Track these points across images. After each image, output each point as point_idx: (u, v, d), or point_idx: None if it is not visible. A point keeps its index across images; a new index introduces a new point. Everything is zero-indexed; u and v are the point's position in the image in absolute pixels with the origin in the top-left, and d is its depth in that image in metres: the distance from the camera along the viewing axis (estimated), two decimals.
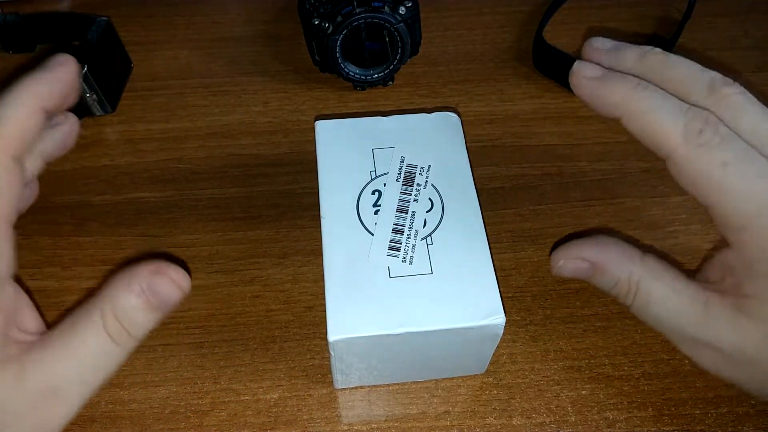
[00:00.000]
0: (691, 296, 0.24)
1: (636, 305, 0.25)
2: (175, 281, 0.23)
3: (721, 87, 0.24)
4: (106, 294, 0.23)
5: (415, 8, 0.38)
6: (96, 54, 0.38)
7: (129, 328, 0.23)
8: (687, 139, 0.23)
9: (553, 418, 0.29)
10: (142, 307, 0.23)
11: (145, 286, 0.23)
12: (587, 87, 0.25)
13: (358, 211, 0.27)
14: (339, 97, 0.41)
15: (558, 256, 0.26)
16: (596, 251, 0.26)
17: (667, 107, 0.23)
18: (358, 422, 0.28)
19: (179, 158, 0.38)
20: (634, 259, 0.25)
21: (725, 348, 0.24)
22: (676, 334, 0.25)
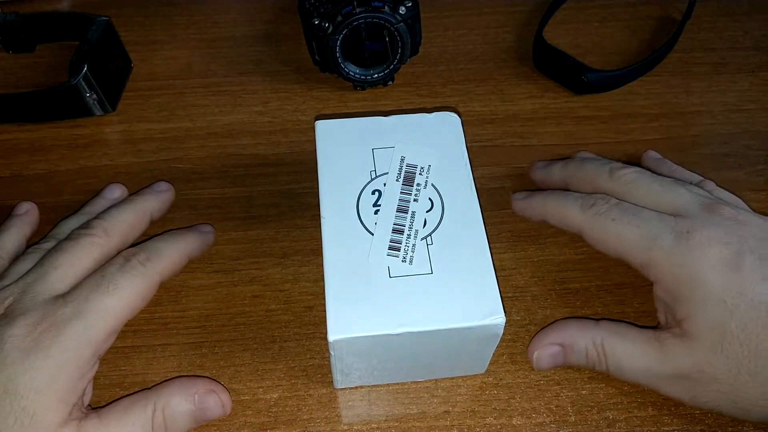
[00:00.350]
0: (646, 341, 0.28)
1: (611, 367, 0.28)
2: (224, 404, 0.28)
3: (619, 170, 0.31)
4: (164, 392, 0.27)
5: (415, 8, 0.38)
6: (96, 54, 0.38)
7: (169, 427, 0.27)
8: (584, 212, 0.30)
9: (553, 418, 0.29)
10: (188, 414, 0.27)
11: (198, 398, 0.27)
12: (518, 206, 0.34)
13: (358, 211, 0.27)
14: (339, 97, 0.41)
15: (531, 350, 0.30)
16: (559, 332, 0.29)
17: (569, 199, 0.31)
18: (358, 422, 0.28)
19: (179, 158, 0.38)
20: (591, 327, 0.29)
21: (689, 374, 0.27)
22: (649, 379, 0.28)
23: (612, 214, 0.29)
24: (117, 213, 0.31)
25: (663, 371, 0.27)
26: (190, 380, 0.28)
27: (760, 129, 0.39)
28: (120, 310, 0.27)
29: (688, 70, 0.42)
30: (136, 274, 0.28)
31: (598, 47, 0.44)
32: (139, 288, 0.28)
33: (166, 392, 0.27)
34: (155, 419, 0.26)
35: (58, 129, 0.39)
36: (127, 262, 0.28)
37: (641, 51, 0.43)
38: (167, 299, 0.32)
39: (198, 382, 0.28)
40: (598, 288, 0.33)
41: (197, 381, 0.28)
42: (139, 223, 0.32)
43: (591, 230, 0.30)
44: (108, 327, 0.27)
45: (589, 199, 0.30)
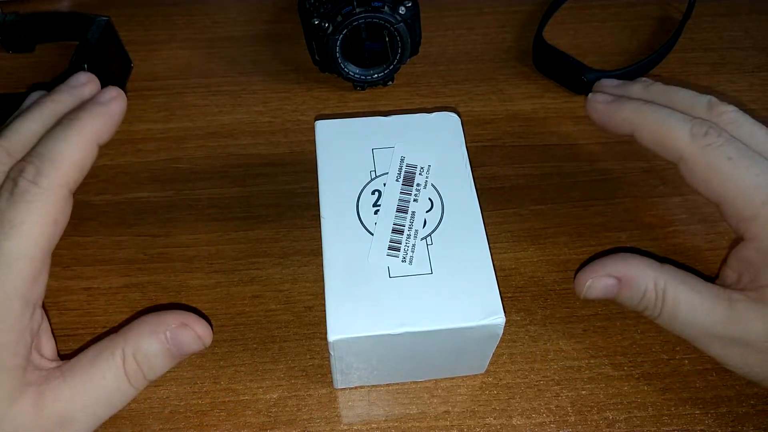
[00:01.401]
0: (714, 296, 0.26)
1: (664, 313, 0.26)
2: (200, 337, 0.25)
3: (719, 106, 0.27)
4: (130, 335, 0.24)
5: (415, 8, 0.38)
6: (96, 54, 0.38)
7: (145, 371, 0.24)
8: (694, 140, 0.26)
9: (553, 418, 0.29)
10: (163, 353, 0.24)
11: (170, 335, 0.24)
12: (601, 110, 0.29)
13: (358, 211, 0.27)
14: (339, 97, 0.41)
15: (584, 277, 0.27)
16: (620, 265, 0.27)
17: (674, 117, 0.27)
18: (357, 422, 0.28)
19: (179, 158, 0.38)
20: (656, 268, 0.27)
21: (754, 341, 0.25)
22: (705, 337, 0.26)
23: (729, 151, 0.25)
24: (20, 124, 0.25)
25: (725, 332, 0.25)
26: (158, 317, 0.25)
27: None
28: (30, 248, 0.22)
29: (688, 70, 0.42)
30: (32, 199, 0.23)
31: (598, 47, 0.44)
32: (41, 215, 0.23)
33: (134, 335, 0.24)
34: (127, 367, 0.23)
35: None
36: (15, 187, 0.23)
37: (641, 51, 0.43)
38: (167, 299, 0.32)
39: (167, 317, 0.24)
40: None
41: (166, 316, 0.25)
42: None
43: (697, 164, 0.26)
44: (24, 271, 0.22)
45: (701, 125, 0.26)
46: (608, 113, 0.29)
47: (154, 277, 0.33)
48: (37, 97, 0.27)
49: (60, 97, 0.26)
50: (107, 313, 0.32)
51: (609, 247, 0.34)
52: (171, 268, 0.33)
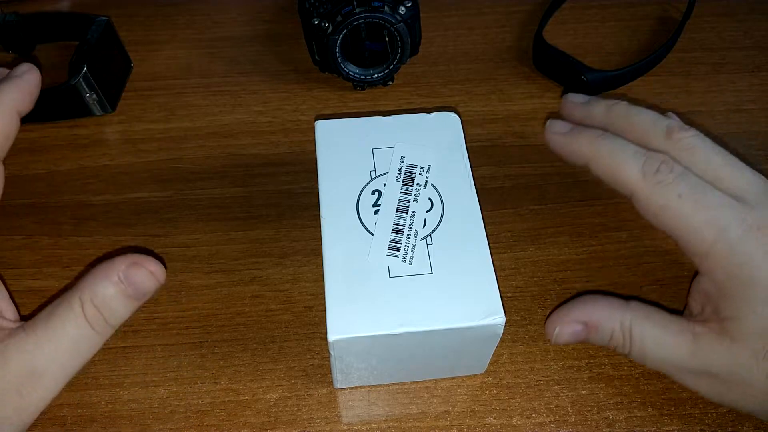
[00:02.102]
0: (679, 331, 0.26)
1: (633, 351, 0.27)
2: (153, 273, 0.25)
3: (678, 131, 0.27)
4: (85, 283, 0.24)
5: (415, 8, 0.38)
6: (96, 54, 0.38)
7: (106, 316, 0.24)
8: (645, 178, 0.26)
9: (553, 418, 0.29)
10: (120, 295, 0.24)
11: (123, 276, 0.24)
12: (557, 140, 0.29)
13: (358, 211, 0.27)
14: (339, 97, 0.41)
15: (552, 324, 0.28)
16: (585, 310, 0.28)
17: (627, 151, 0.27)
18: (357, 422, 0.28)
19: (179, 158, 0.38)
20: (621, 307, 0.27)
21: (720, 373, 0.25)
22: (675, 370, 0.27)
23: (678, 188, 0.25)
24: None
25: (693, 366, 0.26)
26: (109, 262, 0.25)
27: (760, 129, 0.39)
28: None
29: (688, 70, 0.42)
30: None
31: (598, 47, 0.44)
32: None
33: (88, 282, 0.24)
34: (87, 313, 0.24)
35: (58, 129, 0.39)
36: None
37: (641, 51, 0.43)
38: (167, 299, 0.32)
39: (118, 260, 0.24)
40: (598, 288, 0.33)
41: (118, 260, 0.25)
42: None
43: (648, 201, 0.26)
44: None
45: (652, 160, 0.26)
46: (563, 145, 0.29)
47: None
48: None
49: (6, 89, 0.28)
50: None
51: (609, 247, 0.34)
52: (171, 268, 0.33)
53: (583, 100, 0.30)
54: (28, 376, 0.23)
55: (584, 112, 0.30)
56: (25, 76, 0.28)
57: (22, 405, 0.23)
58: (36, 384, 0.23)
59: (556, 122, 0.29)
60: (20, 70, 0.28)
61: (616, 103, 0.29)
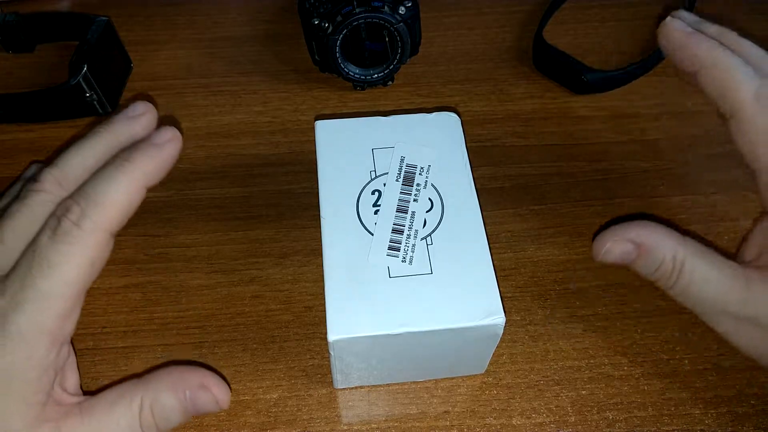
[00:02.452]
0: (732, 274, 0.25)
1: (678, 286, 0.26)
2: (218, 400, 0.25)
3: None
4: (151, 386, 0.24)
5: (415, 8, 0.38)
6: (96, 54, 0.38)
7: (159, 423, 0.24)
8: (758, 100, 0.25)
9: (553, 418, 0.29)
10: (179, 410, 0.24)
11: (189, 395, 0.24)
12: (676, 37, 0.27)
13: (358, 211, 0.27)
14: (339, 97, 0.41)
15: (603, 240, 0.27)
16: (641, 232, 0.26)
17: (745, 69, 0.25)
18: (357, 422, 0.28)
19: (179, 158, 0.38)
20: (677, 239, 0.26)
21: (766, 323, 0.25)
22: (718, 314, 0.26)
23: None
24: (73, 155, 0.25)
25: (738, 311, 0.25)
26: (181, 373, 0.25)
27: None
28: (64, 289, 0.22)
29: None
30: (72, 241, 0.22)
31: (598, 47, 0.44)
32: (80, 257, 0.22)
33: (154, 386, 0.24)
34: (143, 417, 0.24)
35: (58, 129, 0.39)
36: (59, 227, 0.22)
37: (641, 51, 0.43)
38: (167, 299, 0.32)
39: (190, 377, 0.25)
40: (598, 288, 0.33)
41: (189, 375, 0.25)
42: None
43: (752, 124, 0.25)
44: (56, 310, 0.22)
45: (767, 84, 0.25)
46: (681, 44, 0.27)
47: (154, 277, 0.33)
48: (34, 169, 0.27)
49: (116, 128, 0.25)
50: (107, 313, 0.32)
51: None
52: (171, 268, 0.33)
53: (694, 18, 0.29)
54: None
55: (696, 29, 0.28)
56: (166, 147, 0.25)
57: None
58: None
59: (678, 21, 0.27)
60: (163, 137, 0.25)
61: (729, 31, 0.28)
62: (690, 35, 0.27)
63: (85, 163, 0.25)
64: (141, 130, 0.26)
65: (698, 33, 0.27)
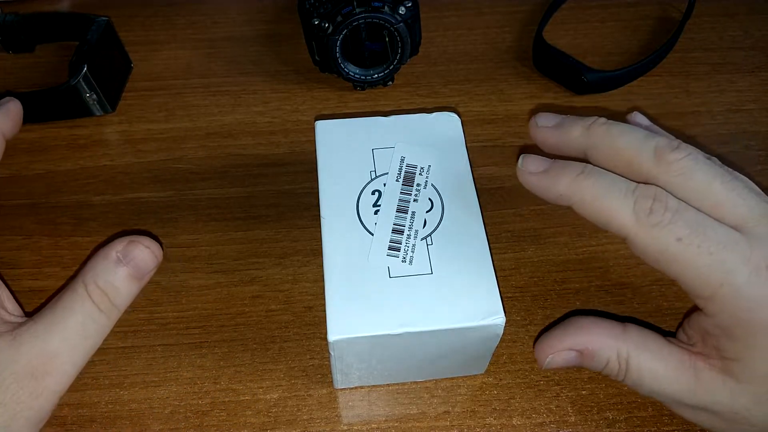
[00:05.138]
0: (679, 365, 0.25)
1: (628, 380, 0.26)
2: (150, 249, 0.26)
3: (667, 153, 0.24)
4: (86, 268, 0.25)
5: (415, 8, 0.38)
6: (96, 54, 0.38)
7: (111, 296, 0.25)
8: (639, 220, 0.23)
9: (553, 418, 0.29)
10: (121, 274, 0.25)
11: (122, 254, 0.25)
12: (533, 182, 0.26)
13: (358, 211, 0.27)
14: (339, 97, 0.41)
15: (543, 352, 0.27)
16: (580, 338, 0.26)
17: (614, 191, 0.24)
18: (358, 422, 0.28)
19: (179, 158, 0.38)
20: (618, 336, 0.26)
21: (721, 412, 0.25)
22: (672, 402, 0.26)
23: (677, 230, 0.23)
24: None
25: (693, 402, 0.25)
26: (108, 244, 0.26)
27: (760, 129, 0.39)
28: None
29: (688, 70, 0.42)
30: None
31: (598, 47, 0.44)
32: None
33: (89, 266, 0.25)
34: (93, 294, 0.24)
35: (58, 129, 0.39)
36: None
37: (641, 51, 0.43)
38: (167, 299, 0.32)
39: (115, 242, 0.26)
40: (598, 288, 0.33)
41: (114, 242, 0.26)
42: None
43: (645, 246, 0.24)
44: None
45: (644, 199, 0.23)
46: (541, 188, 0.25)
47: (154, 277, 0.32)
48: None
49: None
50: None
51: (609, 247, 0.34)
52: (171, 268, 0.33)
53: (555, 121, 0.26)
54: (40, 358, 0.23)
55: (559, 137, 0.26)
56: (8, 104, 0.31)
57: (38, 389, 0.23)
58: (49, 366, 0.23)
59: (529, 159, 0.26)
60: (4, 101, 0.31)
61: (594, 122, 0.25)
62: (546, 176, 0.25)
63: None
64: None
65: (554, 166, 0.25)
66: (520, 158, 0.26)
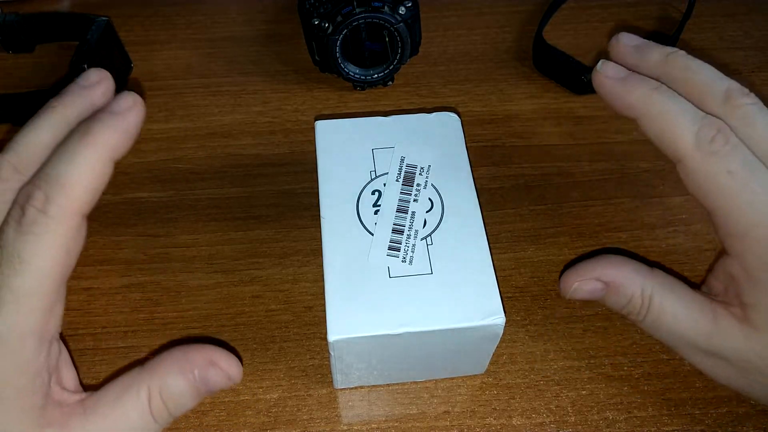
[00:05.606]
0: (699, 308, 0.25)
1: (648, 320, 0.26)
2: (229, 375, 0.24)
3: (737, 97, 0.25)
4: (156, 373, 0.23)
5: (415, 8, 0.38)
6: (96, 54, 0.38)
7: (171, 409, 0.23)
8: (698, 145, 0.24)
9: (553, 418, 0.29)
10: (190, 392, 0.23)
11: (198, 374, 0.23)
12: (608, 86, 0.26)
13: (358, 211, 0.27)
14: (339, 97, 0.41)
15: (570, 279, 0.27)
16: (609, 270, 0.26)
17: (683, 113, 0.24)
18: (357, 422, 0.28)
19: (179, 158, 0.38)
20: (645, 274, 0.26)
21: (733, 358, 0.25)
22: (687, 347, 0.26)
23: (730, 162, 0.24)
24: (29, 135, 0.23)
25: (707, 346, 0.25)
26: (186, 353, 0.23)
27: None
28: (41, 284, 0.21)
29: None
30: (41, 230, 0.20)
31: (598, 47, 0.44)
32: (52, 247, 0.20)
33: (160, 372, 0.23)
34: (153, 405, 0.22)
35: None
36: (23, 217, 0.20)
37: None
38: (167, 299, 0.32)
39: (195, 355, 0.23)
40: None
41: (195, 354, 0.23)
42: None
43: (696, 171, 0.24)
44: (37, 308, 0.21)
45: (708, 128, 0.24)
46: (614, 94, 0.26)
47: (154, 277, 0.33)
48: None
49: (70, 100, 0.23)
50: (107, 313, 0.32)
51: (609, 247, 0.34)
52: (171, 268, 0.33)
53: (637, 42, 0.27)
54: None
55: (638, 58, 0.27)
56: (128, 116, 0.22)
57: None
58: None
59: (609, 65, 0.26)
60: (123, 104, 0.23)
61: (674, 52, 0.26)
62: (622, 83, 0.26)
63: (42, 143, 0.22)
64: (99, 98, 0.23)
65: (632, 76, 0.26)
66: (600, 62, 0.27)
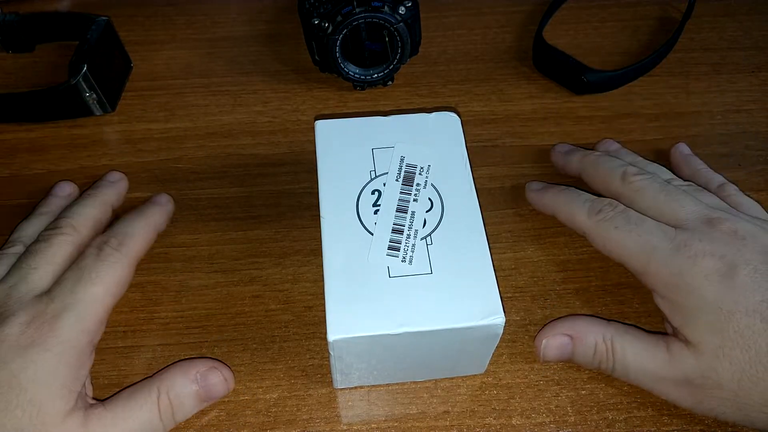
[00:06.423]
0: (654, 343, 0.28)
1: (617, 365, 0.29)
2: (226, 380, 0.28)
3: (631, 175, 0.32)
4: (165, 376, 0.28)
5: (415, 8, 0.38)
6: (96, 54, 0.38)
7: (175, 410, 0.27)
8: (590, 217, 0.31)
9: (553, 418, 0.29)
10: (193, 395, 0.28)
11: (200, 376, 0.28)
12: (532, 196, 0.35)
13: (357, 211, 0.27)
14: (339, 97, 0.41)
15: (540, 338, 0.30)
16: (569, 324, 0.30)
17: (578, 201, 0.32)
18: (357, 422, 0.28)
19: (179, 158, 0.38)
20: (603, 324, 0.30)
21: (694, 379, 0.27)
22: (656, 382, 0.28)
23: (616, 221, 0.30)
24: (80, 208, 0.32)
25: (669, 375, 0.27)
26: (190, 361, 0.29)
27: (760, 129, 0.39)
28: (105, 297, 0.28)
29: (688, 70, 0.42)
30: (113, 261, 0.29)
31: (598, 47, 0.44)
32: (118, 274, 0.29)
33: (168, 376, 0.28)
34: (161, 403, 0.27)
35: (57, 129, 0.39)
36: (101, 252, 0.29)
37: (641, 51, 0.43)
38: (167, 299, 0.32)
39: (198, 362, 0.28)
40: (598, 288, 0.33)
41: (197, 361, 0.29)
42: (102, 215, 0.32)
43: (595, 235, 0.31)
44: (98, 315, 0.27)
45: (597, 204, 0.32)
46: (536, 200, 0.35)
47: (154, 277, 0.33)
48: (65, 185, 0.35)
49: (107, 191, 0.34)
50: None
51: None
52: (171, 268, 0.33)
53: (566, 149, 0.37)
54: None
55: (564, 160, 0.36)
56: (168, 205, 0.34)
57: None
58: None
59: (533, 183, 0.36)
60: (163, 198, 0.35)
61: (589, 154, 0.35)
62: (539, 192, 0.35)
63: (92, 214, 0.32)
64: (123, 190, 0.35)
65: (546, 187, 0.35)
66: (527, 183, 0.36)
